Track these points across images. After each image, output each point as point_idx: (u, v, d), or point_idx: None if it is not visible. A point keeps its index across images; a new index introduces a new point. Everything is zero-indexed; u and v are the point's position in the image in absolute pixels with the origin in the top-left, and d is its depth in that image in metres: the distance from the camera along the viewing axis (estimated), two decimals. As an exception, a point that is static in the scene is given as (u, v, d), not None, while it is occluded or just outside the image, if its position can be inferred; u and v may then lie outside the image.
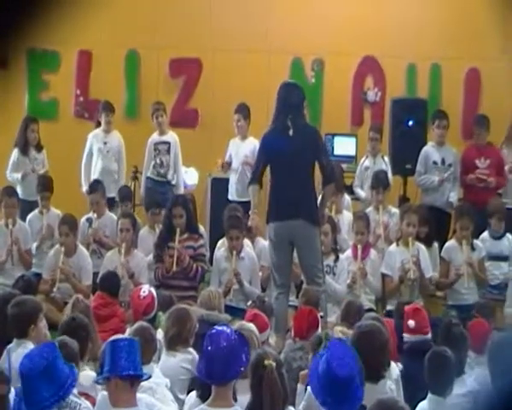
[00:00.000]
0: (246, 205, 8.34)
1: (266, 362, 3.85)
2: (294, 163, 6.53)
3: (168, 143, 8.91)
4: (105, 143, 8.90)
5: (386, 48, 9.53)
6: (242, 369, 3.79)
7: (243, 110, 8.79)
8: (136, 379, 3.89)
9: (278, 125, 6.67)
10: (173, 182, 8.86)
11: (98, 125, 9.07)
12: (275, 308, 6.55)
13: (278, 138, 6.64)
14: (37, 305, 5.11)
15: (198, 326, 5.16)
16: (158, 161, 8.88)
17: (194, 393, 4.45)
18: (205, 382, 4.02)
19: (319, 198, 6.92)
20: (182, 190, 8.79)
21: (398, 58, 9.54)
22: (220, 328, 3.87)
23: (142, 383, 4.06)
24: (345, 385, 3.73)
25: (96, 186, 8.31)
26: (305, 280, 6.77)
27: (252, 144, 8.75)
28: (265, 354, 3.99)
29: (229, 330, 3.84)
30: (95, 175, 8.82)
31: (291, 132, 6.60)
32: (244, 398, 4.00)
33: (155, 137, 8.94)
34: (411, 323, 5.41)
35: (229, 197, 8.75)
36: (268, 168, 6.74)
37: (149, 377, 4.08)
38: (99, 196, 8.17)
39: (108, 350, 3.88)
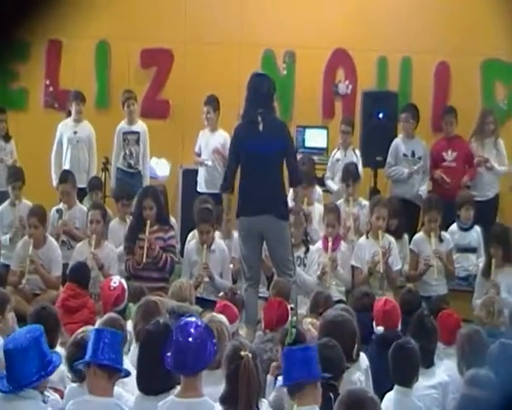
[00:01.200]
0: (215, 196, 8.38)
1: (243, 353, 3.87)
2: (264, 159, 6.55)
3: (137, 133, 8.88)
4: (75, 133, 8.84)
5: (357, 41, 9.56)
6: (211, 359, 3.79)
7: (212, 102, 8.79)
8: (114, 372, 3.91)
9: (248, 120, 6.70)
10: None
11: (69, 114, 9.01)
12: (245, 300, 6.58)
13: (248, 134, 6.66)
14: (5, 296, 5.07)
15: (168, 318, 5.15)
16: (127, 151, 8.85)
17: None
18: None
19: (291, 193, 6.98)
20: (148, 181, 8.75)
21: (369, 51, 9.57)
22: (189, 319, 3.86)
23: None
24: None
25: (66, 177, 8.24)
26: (276, 272, 6.80)
27: (222, 137, 8.77)
28: (241, 344, 4.01)
29: (197, 322, 3.84)
30: (65, 166, 8.76)
31: (261, 127, 6.62)
32: (212, 389, 4.01)
33: (124, 126, 8.91)
34: (380, 329, 5.44)
35: (199, 189, 8.74)
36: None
37: (128, 374, 4.07)
38: (69, 187, 8.11)
39: (93, 338, 3.90)
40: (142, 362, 4.18)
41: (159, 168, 9.10)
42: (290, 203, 7.05)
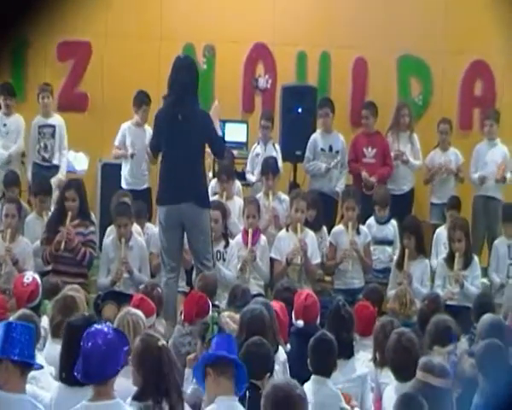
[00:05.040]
0: (140, 192, 8.33)
1: (160, 343, 3.86)
2: (183, 147, 6.54)
3: (53, 127, 8.75)
4: (4, 125, 8.66)
5: (276, 35, 9.62)
6: (120, 368, 3.75)
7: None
8: (27, 367, 3.86)
9: (168, 107, 6.66)
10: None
11: None
12: (164, 293, 6.55)
13: (168, 122, 6.64)
14: None
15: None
16: (42, 144, 8.70)
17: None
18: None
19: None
20: (64, 175, 8.61)
21: (289, 46, 9.64)
22: (99, 326, 3.81)
23: (25, 372, 4.00)
24: None
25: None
26: (195, 264, 6.78)
27: (149, 132, 8.72)
28: (154, 336, 4.01)
29: (106, 329, 3.78)
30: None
31: (180, 117, 6.59)
32: (125, 380, 3.99)
33: (40, 119, 8.77)
34: (300, 323, 5.50)
35: (123, 185, 8.64)
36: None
37: (41, 367, 4.02)
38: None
39: (3, 331, 3.84)
40: (65, 354, 4.16)
41: (77, 162, 8.96)
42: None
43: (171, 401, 3.82)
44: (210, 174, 8.31)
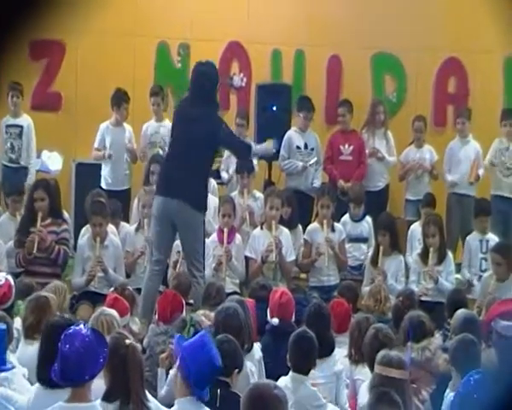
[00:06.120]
0: (121, 193, 8.30)
1: (128, 342, 3.84)
2: (189, 146, 6.53)
3: (21, 127, 8.68)
4: None
5: (251, 33, 9.62)
6: (98, 371, 3.71)
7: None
8: None
9: (185, 104, 6.79)
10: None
11: None
12: (145, 288, 6.52)
13: (180, 118, 6.72)
14: None
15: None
16: (9, 145, 8.63)
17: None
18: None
19: None
20: (33, 177, 8.53)
21: (263, 44, 9.64)
22: (75, 328, 3.76)
23: (-2, 374, 3.98)
24: None
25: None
26: (186, 262, 6.76)
27: (128, 132, 8.70)
28: (123, 335, 4.00)
29: (83, 330, 3.74)
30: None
31: (192, 116, 6.58)
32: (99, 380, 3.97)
33: (8, 119, 8.70)
34: (275, 321, 5.51)
35: (103, 186, 8.60)
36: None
37: (12, 367, 3.98)
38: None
39: None
40: (43, 355, 4.13)
41: (50, 162, 8.89)
42: None
43: (133, 402, 3.78)
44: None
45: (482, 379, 3.51)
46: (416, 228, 8.01)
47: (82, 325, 3.78)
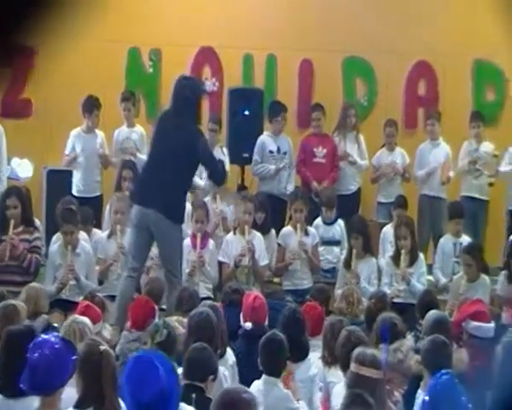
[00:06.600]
0: (92, 200, 8.25)
1: (102, 347, 3.83)
2: (168, 157, 6.53)
3: (-11, 135, 8.61)
4: None
5: (222, 38, 9.63)
6: (67, 379, 3.70)
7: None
8: None
9: (166, 115, 6.81)
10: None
11: None
12: (120, 294, 6.50)
13: (161, 128, 6.74)
14: None
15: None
16: (-24, 152, 8.56)
17: None
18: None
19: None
20: (4, 184, 8.46)
21: (235, 48, 9.66)
22: (44, 337, 3.74)
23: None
24: (155, 408, 3.48)
25: None
26: (163, 269, 6.76)
27: (100, 138, 8.67)
28: (97, 341, 3.97)
29: (54, 339, 3.73)
30: None
31: (173, 127, 6.60)
32: (71, 389, 3.95)
33: (-24, 127, 8.62)
34: (248, 325, 5.52)
35: (75, 193, 8.56)
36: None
37: None
38: None
39: None
40: (3, 364, 4.09)
41: (20, 169, 8.83)
42: None
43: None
44: None
45: (451, 379, 3.54)
46: (388, 230, 8.06)
47: (50, 333, 3.77)
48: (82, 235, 7.37)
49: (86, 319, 4.87)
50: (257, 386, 4.67)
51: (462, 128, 9.08)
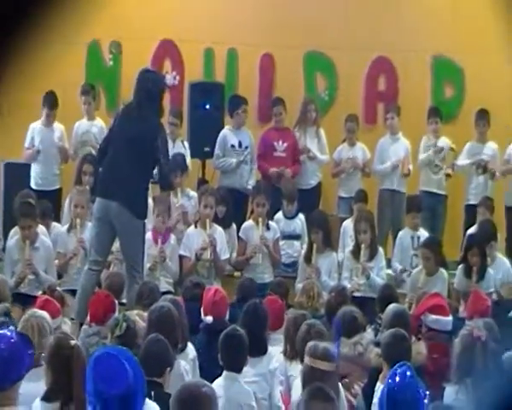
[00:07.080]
0: (50, 193, 8.15)
1: (73, 342, 3.81)
2: (129, 148, 6.46)
3: None
4: None
5: (183, 32, 9.59)
6: (24, 373, 3.65)
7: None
8: None
9: (128, 107, 6.72)
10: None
11: None
12: (81, 288, 6.44)
13: (122, 120, 6.64)
14: None
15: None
16: None
17: None
18: None
19: None
20: None
21: (196, 42, 9.63)
22: (1, 331, 3.72)
23: None
24: (122, 404, 3.45)
25: None
26: (125, 264, 6.70)
27: (59, 131, 8.56)
28: (67, 335, 3.98)
29: (9, 333, 3.69)
30: None
31: (134, 119, 6.53)
32: (33, 386, 3.92)
33: None
34: (209, 319, 5.52)
35: (33, 186, 8.46)
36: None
37: None
38: None
39: None
40: None
41: (-24, 164, 8.72)
42: None
43: (75, 404, 3.75)
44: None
45: (409, 371, 3.58)
46: (348, 225, 8.11)
47: (5, 328, 3.72)
48: (41, 229, 7.30)
49: (45, 314, 4.82)
50: (218, 382, 4.67)
51: (421, 124, 9.15)
